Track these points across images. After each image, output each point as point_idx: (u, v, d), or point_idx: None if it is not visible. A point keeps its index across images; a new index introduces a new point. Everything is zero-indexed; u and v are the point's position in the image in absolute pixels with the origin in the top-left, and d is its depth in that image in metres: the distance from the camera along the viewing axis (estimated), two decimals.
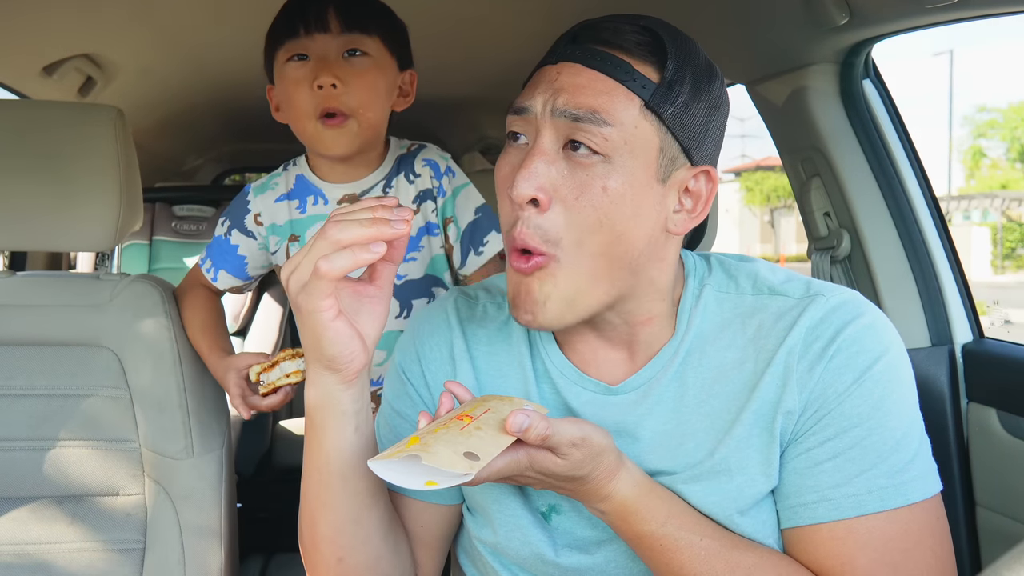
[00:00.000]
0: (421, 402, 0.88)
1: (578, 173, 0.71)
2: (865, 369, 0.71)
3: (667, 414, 0.77)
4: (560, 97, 0.71)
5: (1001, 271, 20.52)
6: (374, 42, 1.20)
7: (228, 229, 1.35)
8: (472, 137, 2.99)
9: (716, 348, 0.77)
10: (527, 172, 0.70)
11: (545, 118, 0.72)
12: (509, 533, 0.81)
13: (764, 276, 0.80)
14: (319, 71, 1.15)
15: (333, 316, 0.67)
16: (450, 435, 0.64)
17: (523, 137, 0.75)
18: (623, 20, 0.74)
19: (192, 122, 2.66)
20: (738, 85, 1.59)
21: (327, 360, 0.69)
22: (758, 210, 28.36)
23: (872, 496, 0.70)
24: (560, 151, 0.72)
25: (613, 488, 0.71)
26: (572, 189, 0.71)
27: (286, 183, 1.34)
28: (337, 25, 1.17)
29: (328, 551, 0.77)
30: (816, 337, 0.73)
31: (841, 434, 0.71)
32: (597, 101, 0.70)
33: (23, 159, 1.18)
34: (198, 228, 2.63)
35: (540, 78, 0.74)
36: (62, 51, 1.70)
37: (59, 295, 1.23)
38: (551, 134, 0.72)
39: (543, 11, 1.55)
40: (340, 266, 0.64)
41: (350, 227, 0.65)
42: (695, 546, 0.72)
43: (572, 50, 0.74)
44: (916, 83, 34.59)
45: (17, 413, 1.21)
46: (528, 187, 0.70)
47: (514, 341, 0.86)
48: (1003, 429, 1.23)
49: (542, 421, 0.65)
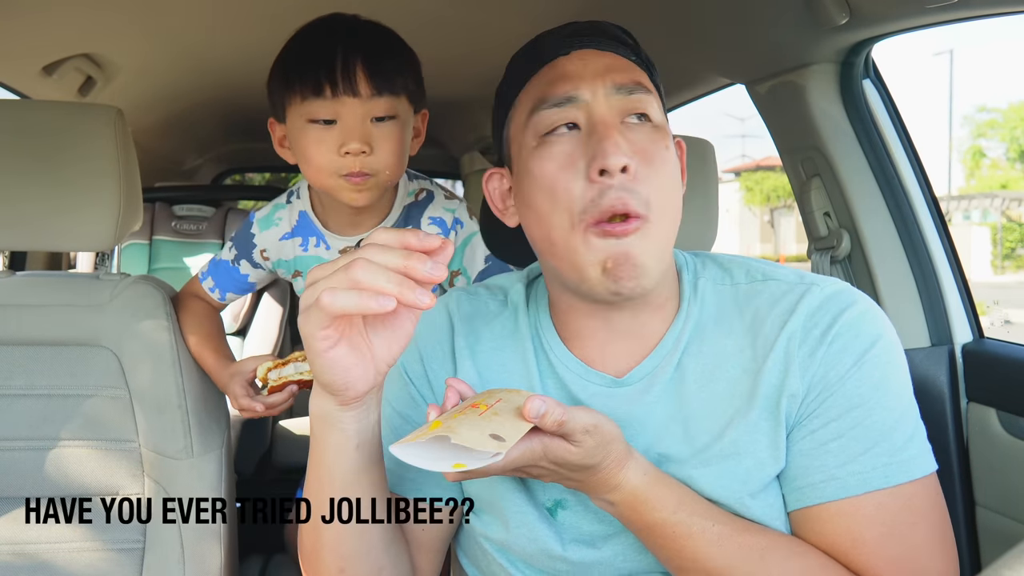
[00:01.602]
0: (423, 402, 0.88)
1: (643, 141, 0.76)
2: (863, 352, 0.75)
3: (672, 401, 0.80)
4: (608, 77, 0.77)
5: (1001, 271, 20.52)
6: (401, 102, 1.16)
7: (236, 259, 1.37)
8: (472, 137, 2.99)
9: (715, 336, 0.81)
10: (612, 143, 0.74)
11: (599, 98, 0.77)
12: (516, 529, 0.82)
13: (756, 265, 0.85)
14: (347, 139, 1.12)
15: (328, 347, 0.64)
16: (471, 420, 0.64)
17: (571, 127, 0.77)
18: (598, 21, 0.83)
19: (192, 122, 2.66)
20: (738, 85, 1.59)
21: (322, 383, 0.68)
22: (758, 210, 28.37)
23: (877, 473, 0.73)
24: (619, 124, 0.76)
25: (623, 477, 0.72)
26: (646, 155, 0.76)
27: (289, 219, 1.33)
28: (368, 89, 1.12)
29: (330, 560, 0.77)
30: (815, 324, 0.77)
31: (844, 415, 0.74)
32: (634, 75, 0.78)
33: (23, 159, 1.18)
34: (198, 228, 2.63)
35: (565, 69, 0.78)
36: (62, 51, 1.70)
37: (59, 295, 1.23)
38: (612, 112, 0.77)
39: (543, 11, 1.55)
40: (341, 306, 0.60)
41: (375, 272, 0.60)
42: (707, 531, 0.73)
43: (582, 40, 0.80)
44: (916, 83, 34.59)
45: (17, 413, 1.21)
46: (621, 156, 0.73)
47: (518, 337, 0.87)
48: (1003, 429, 1.23)
49: (558, 407, 0.66)
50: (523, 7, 1.56)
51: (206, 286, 1.37)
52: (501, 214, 0.87)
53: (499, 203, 0.87)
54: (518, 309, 0.89)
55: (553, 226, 0.77)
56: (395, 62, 1.16)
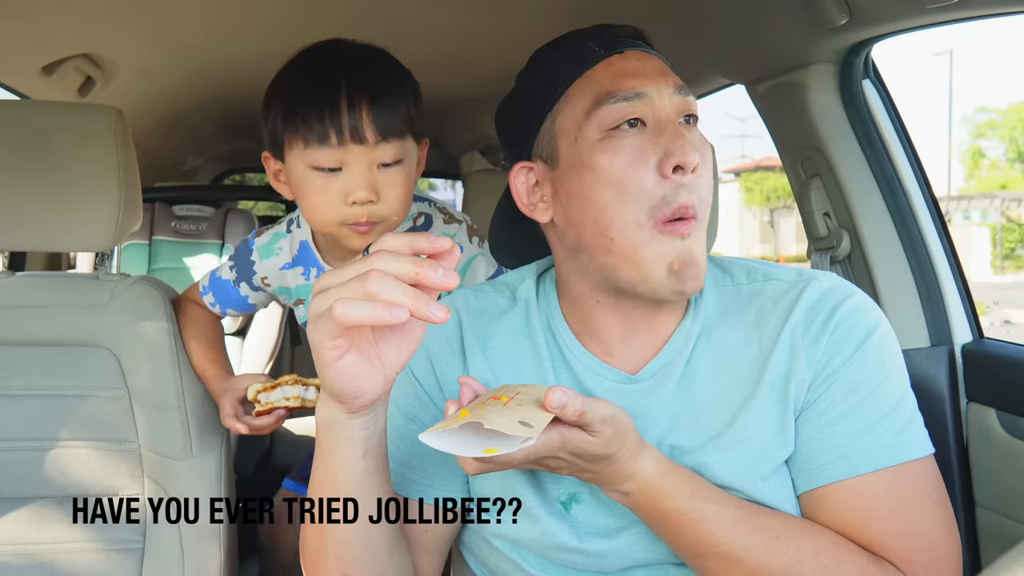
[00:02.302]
0: (431, 403, 0.88)
1: (698, 142, 0.80)
2: (863, 339, 0.79)
3: (683, 395, 0.82)
4: (667, 77, 0.80)
5: (1001, 271, 20.53)
6: (406, 144, 1.11)
7: (236, 280, 1.35)
8: (472, 137, 2.99)
9: (722, 332, 0.84)
10: (686, 142, 0.77)
11: (664, 96, 0.79)
12: (530, 525, 0.82)
13: (755, 266, 0.88)
14: (354, 188, 1.07)
15: (337, 356, 0.63)
16: (498, 409, 0.65)
17: (628, 124, 0.78)
18: (631, 26, 0.86)
19: (192, 122, 2.66)
20: (738, 85, 1.59)
21: (330, 392, 0.67)
22: (758, 210, 28.37)
23: (883, 452, 0.76)
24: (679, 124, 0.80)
25: (638, 467, 0.73)
26: (702, 155, 0.78)
27: (290, 249, 1.30)
28: (374, 136, 1.06)
29: (333, 565, 0.77)
30: (816, 315, 0.80)
31: (848, 396, 0.78)
32: (679, 79, 0.81)
33: (22, 159, 1.18)
34: (198, 228, 2.63)
35: (625, 65, 0.80)
36: (61, 51, 1.70)
37: (58, 295, 1.23)
38: (673, 110, 0.79)
39: (541, 11, 1.55)
40: (354, 317, 0.59)
41: (389, 283, 0.59)
42: (722, 516, 0.74)
43: (628, 42, 0.83)
44: (916, 83, 34.63)
45: (16, 413, 1.21)
46: (696, 154, 0.76)
47: (530, 332, 0.88)
48: (1002, 429, 1.23)
49: (578, 398, 0.67)
50: (523, 9, 1.56)
51: (207, 300, 1.36)
52: (528, 209, 0.86)
53: (525, 198, 0.86)
54: (529, 305, 0.89)
55: (616, 221, 0.77)
56: (400, 98, 1.10)
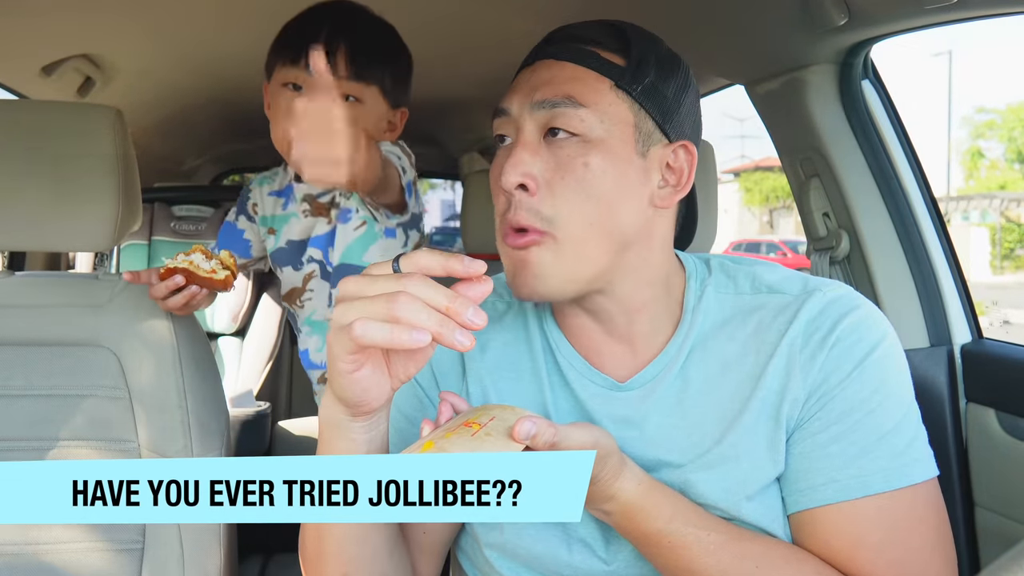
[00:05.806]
0: (430, 403, 0.89)
1: (560, 156, 0.76)
2: (863, 357, 0.75)
3: (673, 408, 0.80)
4: (536, 92, 0.77)
5: (1000, 271, 20.52)
6: (371, 90, 1.21)
7: (236, 215, 1.47)
8: (471, 137, 3.00)
9: (718, 343, 0.81)
10: (512, 161, 0.76)
11: (524, 114, 0.77)
12: (519, 535, 0.82)
13: (762, 276, 0.84)
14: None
15: (352, 370, 0.63)
16: (463, 440, 0.64)
17: (507, 138, 0.80)
18: (593, 22, 0.81)
19: (192, 122, 2.66)
20: (737, 85, 1.59)
21: (337, 397, 0.67)
22: (757, 210, 28.37)
23: (877, 477, 0.73)
24: (542, 141, 0.77)
25: (618, 487, 0.72)
26: (557, 171, 0.76)
27: (281, 181, 1.42)
28: (344, 68, 1.17)
29: (333, 566, 0.77)
30: (816, 328, 0.77)
31: (844, 418, 0.75)
32: (569, 87, 0.76)
33: (22, 159, 1.17)
34: (197, 228, 2.63)
35: (518, 81, 0.81)
36: (61, 51, 1.70)
37: (58, 295, 1.23)
38: (531, 127, 0.77)
39: (540, 11, 1.55)
40: (372, 338, 0.58)
41: (417, 309, 0.58)
42: (703, 540, 0.73)
43: (545, 49, 0.80)
44: (915, 84, 34.65)
45: (16, 413, 1.21)
46: (515, 174, 0.75)
47: (527, 334, 0.88)
48: (1002, 429, 1.23)
49: (549, 428, 0.66)
50: (523, 6, 1.56)
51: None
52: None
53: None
54: (525, 306, 0.90)
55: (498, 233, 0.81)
56: (378, 54, 1.21)
